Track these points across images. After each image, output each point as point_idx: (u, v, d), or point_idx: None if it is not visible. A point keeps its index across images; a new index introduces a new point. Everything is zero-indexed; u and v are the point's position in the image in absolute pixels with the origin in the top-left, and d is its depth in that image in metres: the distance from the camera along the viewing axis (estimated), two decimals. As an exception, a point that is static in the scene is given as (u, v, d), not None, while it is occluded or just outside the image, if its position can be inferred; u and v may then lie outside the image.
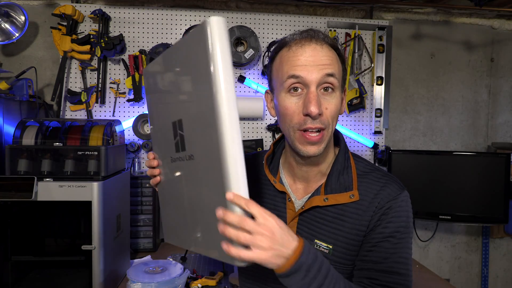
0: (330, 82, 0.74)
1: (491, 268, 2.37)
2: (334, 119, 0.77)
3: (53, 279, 1.45)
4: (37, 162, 1.36)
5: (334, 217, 0.79)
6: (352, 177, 0.80)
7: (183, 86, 0.71)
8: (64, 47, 1.84)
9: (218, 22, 0.59)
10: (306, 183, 0.85)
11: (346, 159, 0.83)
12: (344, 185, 0.79)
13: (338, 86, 0.76)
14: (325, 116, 0.74)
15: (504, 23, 2.29)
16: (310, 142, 0.75)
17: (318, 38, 0.76)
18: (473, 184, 1.89)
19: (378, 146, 2.16)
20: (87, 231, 1.31)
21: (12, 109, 1.60)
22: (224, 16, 2.01)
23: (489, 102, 2.33)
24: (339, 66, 0.78)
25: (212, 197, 0.65)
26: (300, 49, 0.75)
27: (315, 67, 0.73)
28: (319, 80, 0.73)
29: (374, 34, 2.13)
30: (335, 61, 0.77)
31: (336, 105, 0.76)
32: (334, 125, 0.78)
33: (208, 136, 0.62)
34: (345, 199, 0.78)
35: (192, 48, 0.65)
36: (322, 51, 0.75)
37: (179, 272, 1.42)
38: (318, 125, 0.74)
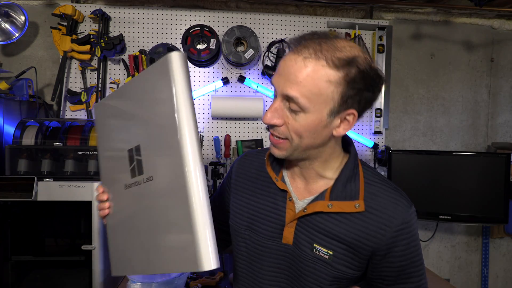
0: (291, 103, 0.69)
1: (491, 268, 2.37)
2: (299, 135, 0.72)
3: (53, 279, 1.45)
4: (37, 162, 1.36)
5: (336, 225, 0.76)
6: (360, 186, 0.77)
7: (145, 114, 0.76)
8: (64, 47, 1.84)
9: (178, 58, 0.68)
10: (305, 182, 0.82)
11: (355, 166, 0.80)
12: (350, 194, 0.77)
13: (311, 108, 0.68)
14: (285, 128, 0.72)
15: (504, 23, 2.29)
16: (273, 144, 0.77)
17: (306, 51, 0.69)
18: (473, 184, 1.89)
19: (378, 146, 2.16)
20: (87, 231, 1.31)
21: (12, 109, 1.60)
22: (224, 16, 2.02)
23: (489, 102, 2.33)
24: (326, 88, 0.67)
25: (176, 209, 0.68)
26: (286, 56, 0.71)
27: (284, 80, 0.69)
28: (281, 95, 0.70)
29: (374, 34, 2.13)
30: (314, 82, 0.67)
31: (303, 126, 0.70)
32: (307, 141, 0.73)
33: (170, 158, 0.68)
34: (350, 208, 0.75)
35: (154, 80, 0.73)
36: (296, 66, 0.68)
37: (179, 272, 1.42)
38: (275, 133, 0.74)
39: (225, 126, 2.05)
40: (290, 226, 0.80)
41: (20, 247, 1.40)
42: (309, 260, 0.77)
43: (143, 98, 0.76)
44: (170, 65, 0.67)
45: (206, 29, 1.93)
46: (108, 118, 0.88)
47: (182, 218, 0.65)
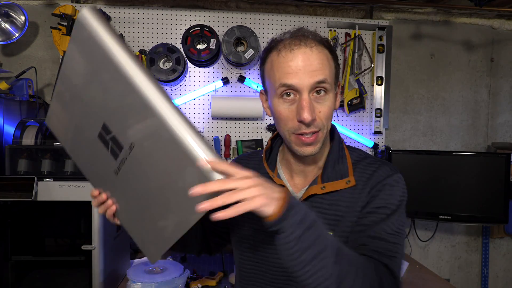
0: (322, 87, 0.74)
1: (491, 268, 2.37)
2: (328, 119, 0.78)
3: (53, 279, 1.45)
4: (37, 162, 1.36)
5: (330, 204, 0.80)
6: (348, 165, 0.82)
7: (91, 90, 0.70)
8: (64, 47, 1.84)
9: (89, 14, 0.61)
10: (304, 178, 0.86)
11: (340, 149, 0.85)
12: (340, 173, 0.81)
13: (330, 88, 0.76)
14: (318, 119, 0.75)
15: (504, 23, 2.29)
16: (306, 143, 0.77)
17: (308, 40, 0.75)
18: (473, 184, 1.89)
19: (378, 146, 2.16)
20: (87, 231, 1.31)
21: (12, 109, 1.60)
22: (224, 16, 2.02)
23: (489, 102, 2.33)
24: (331, 66, 0.77)
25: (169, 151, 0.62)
26: (290, 55, 0.74)
27: (306, 73, 0.73)
28: (310, 86, 0.73)
29: (374, 34, 2.13)
30: (326, 63, 0.76)
31: (329, 107, 0.77)
32: (329, 125, 0.80)
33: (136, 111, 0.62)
34: (342, 185, 0.80)
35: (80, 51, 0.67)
36: (312, 56, 0.74)
37: (179, 272, 1.42)
38: (313, 129, 0.75)
39: (225, 126, 2.05)
40: None
41: (20, 247, 1.40)
42: None
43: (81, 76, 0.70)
44: (85, 26, 0.61)
45: (206, 29, 1.93)
46: (63, 122, 0.82)
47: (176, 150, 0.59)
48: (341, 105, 2.10)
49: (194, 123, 2.03)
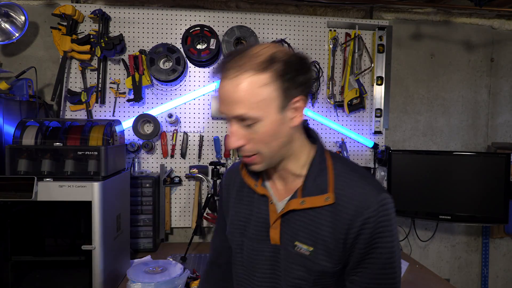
0: (243, 120, 0.73)
1: (491, 268, 2.37)
2: (265, 143, 0.75)
3: (53, 279, 1.45)
4: (37, 162, 1.36)
5: (311, 220, 0.78)
6: (329, 179, 0.78)
7: None
8: (64, 47, 1.84)
9: None
10: (284, 183, 0.85)
11: (322, 160, 0.82)
12: (320, 188, 0.78)
13: (260, 116, 0.72)
14: (249, 145, 0.75)
15: (504, 23, 2.29)
16: (249, 163, 0.79)
17: (233, 70, 0.71)
18: (473, 184, 1.89)
19: (378, 146, 2.16)
20: (87, 231, 1.31)
21: (12, 109, 1.60)
22: (224, 16, 2.02)
23: (489, 102, 2.33)
24: (261, 93, 0.71)
25: None
26: (220, 83, 0.74)
27: (228, 105, 0.73)
28: (233, 118, 0.74)
29: (374, 34, 2.14)
30: (251, 92, 0.71)
31: (263, 133, 0.74)
32: (274, 146, 0.76)
33: None
34: (321, 201, 0.77)
35: None
36: (231, 89, 0.71)
37: (179, 272, 1.42)
38: (246, 153, 0.76)
39: (225, 126, 2.05)
40: (274, 227, 0.82)
41: (20, 247, 1.40)
42: (293, 257, 0.80)
43: None
44: None
45: (206, 29, 1.93)
46: None
47: None
48: (341, 105, 2.10)
49: (194, 123, 2.03)
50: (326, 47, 2.12)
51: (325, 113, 2.13)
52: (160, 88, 2.00)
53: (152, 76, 1.94)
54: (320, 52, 2.12)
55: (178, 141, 2.02)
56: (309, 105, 2.11)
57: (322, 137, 2.13)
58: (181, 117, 2.02)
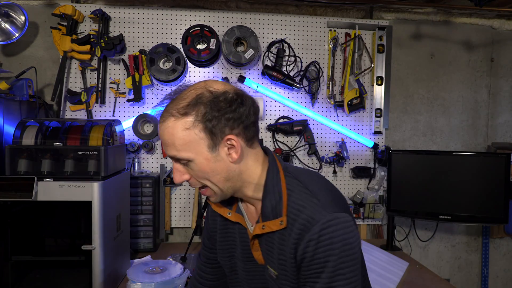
0: (177, 161, 0.79)
1: (491, 268, 2.37)
2: (206, 179, 0.79)
3: (53, 279, 1.45)
4: (37, 162, 1.36)
5: (273, 244, 0.81)
6: (283, 200, 0.79)
7: None
8: (64, 47, 1.84)
9: None
10: (253, 206, 0.88)
11: (276, 183, 0.81)
12: (275, 211, 0.79)
13: (192, 156, 0.76)
14: (193, 180, 0.81)
15: (504, 23, 2.29)
16: (207, 196, 0.85)
17: (162, 116, 0.78)
18: (473, 184, 1.89)
19: (378, 146, 2.16)
20: (87, 231, 1.31)
21: (12, 109, 1.60)
22: (224, 16, 2.02)
23: (489, 102, 2.33)
24: (187, 136, 0.75)
25: None
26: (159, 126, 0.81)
27: (165, 147, 0.79)
28: (171, 157, 0.80)
29: (374, 34, 2.14)
30: (177, 136, 0.75)
31: (200, 170, 0.78)
32: (216, 181, 0.79)
33: None
34: (276, 226, 0.78)
35: None
36: (163, 132, 0.77)
37: (179, 272, 1.42)
38: (194, 186, 0.83)
39: (225, 126, 2.04)
40: (255, 249, 0.86)
41: (20, 247, 1.40)
42: (268, 277, 0.85)
43: None
44: None
45: (206, 29, 1.93)
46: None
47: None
48: (341, 105, 2.10)
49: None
50: (326, 47, 2.12)
51: (325, 113, 2.13)
52: (160, 88, 2.00)
53: (152, 76, 1.94)
54: (320, 52, 2.12)
55: (178, 141, 2.01)
56: (309, 105, 2.11)
57: (322, 137, 2.13)
58: (181, 117, 2.02)
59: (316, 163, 2.13)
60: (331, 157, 2.11)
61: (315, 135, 2.10)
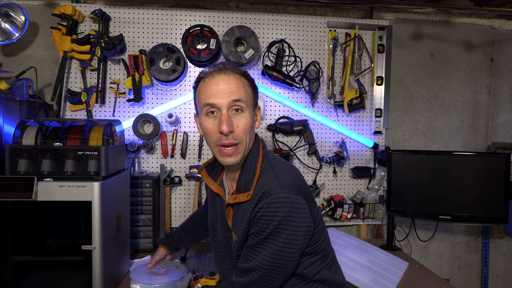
0: (238, 105, 0.95)
1: (491, 268, 2.37)
2: (246, 133, 0.96)
3: (53, 279, 1.45)
4: (37, 162, 1.36)
5: (238, 213, 0.99)
6: (254, 178, 0.96)
7: None
8: (64, 47, 1.84)
9: None
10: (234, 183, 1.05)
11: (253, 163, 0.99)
12: (246, 186, 0.97)
13: (246, 107, 0.97)
14: (236, 132, 0.95)
15: (504, 23, 2.29)
16: (227, 155, 0.96)
17: (226, 70, 0.97)
18: (473, 184, 1.89)
19: (378, 146, 2.16)
20: (87, 231, 1.31)
21: (12, 109, 1.59)
22: (224, 16, 2.02)
23: (489, 102, 2.33)
24: (247, 90, 0.99)
25: None
26: (211, 80, 0.96)
27: (224, 94, 0.94)
28: (228, 104, 0.94)
29: (374, 34, 2.14)
30: (242, 87, 0.97)
31: (246, 122, 0.96)
32: (250, 139, 0.99)
33: None
34: (244, 198, 0.96)
35: None
36: (229, 80, 0.95)
37: (182, 275, 1.40)
38: (231, 140, 0.94)
39: (225, 126, 2.05)
40: (229, 218, 1.04)
41: (20, 247, 1.40)
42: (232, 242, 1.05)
43: None
44: None
45: (206, 29, 1.93)
46: None
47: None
48: (341, 105, 2.10)
49: (194, 123, 2.03)
50: (326, 47, 2.12)
51: (325, 113, 2.13)
52: (160, 88, 2.00)
53: (152, 76, 1.94)
54: (320, 52, 2.12)
55: (178, 141, 2.02)
56: (309, 105, 2.11)
57: (322, 137, 2.13)
58: (181, 117, 2.02)
59: (316, 163, 2.13)
60: (331, 157, 2.11)
61: (315, 135, 2.10)
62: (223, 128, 0.92)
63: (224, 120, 0.93)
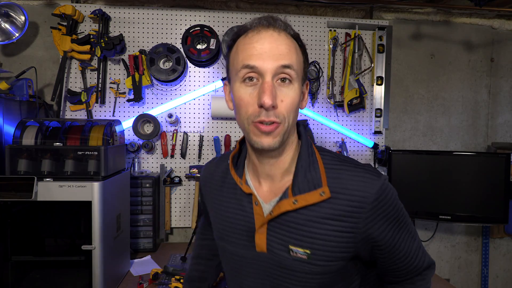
0: (287, 73, 0.68)
1: (491, 268, 2.37)
2: (291, 112, 0.70)
3: (53, 279, 1.45)
4: (37, 162, 1.36)
5: (307, 220, 0.72)
6: (321, 173, 0.73)
7: None
8: (64, 47, 1.84)
9: None
10: (271, 182, 0.78)
11: (310, 154, 0.76)
12: (313, 183, 0.72)
13: (296, 78, 0.70)
14: (280, 109, 0.68)
15: (504, 23, 2.29)
16: (264, 132, 0.69)
17: (276, 25, 0.70)
18: (473, 184, 1.89)
19: (378, 146, 2.16)
20: (87, 231, 1.31)
21: (12, 109, 1.60)
22: (224, 16, 2.02)
23: (489, 102, 2.33)
24: (299, 57, 0.72)
25: None
26: (256, 36, 0.69)
27: (271, 56, 0.67)
28: (275, 70, 0.67)
29: (374, 34, 2.14)
30: (293, 51, 0.70)
31: (293, 98, 0.70)
32: (293, 120, 0.72)
33: None
34: (316, 198, 0.71)
35: None
36: (279, 39, 0.69)
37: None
38: (272, 118, 0.68)
39: (225, 126, 2.05)
40: (260, 232, 0.76)
41: (20, 247, 1.40)
42: (288, 263, 0.74)
43: None
44: None
45: (206, 29, 1.93)
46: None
47: None
48: (341, 105, 2.10)
49: (194, 123, 2.03)
50: (326, 47, 2.12)
51: (325, 113, 2.13)
52: (160, 88, 2.00)
53: (152, 76, 1.94)
54: (320, 52, 2.12)
55: (178, 141, 2.02)
56: (309, 105, 2.11)
57: (322, 137, 2.13)
58: (181, 117, 2.02)
59: (316, 163, 2.12)
60: (331, 157, 2.11)
61: (315, 135, 2.10)
62: (265, 100, 0.66)
63: (268, 89, 0.66)
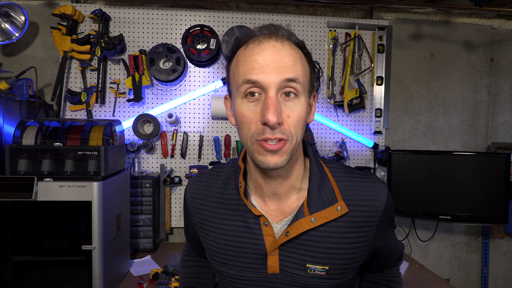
0: (292, 87, 0.63)
1: (491, 268, 2.37)
2: (298, 128, 0.65)
3: (53, 279, 1.45)
4: (37, 162, 1.36)
5: (325, 236, 0.70)
6: (333, 187, 0.72)
7: None
8: (64, 47, 1.84)
9: None
10: (277, 202, 0.74)
11: (320, 168, 0.74)
12: (328, 199, 0.70)
13: (302, 91, 0.65)
14: (286, 125, 0.63)
15: (504, 23, 2.29)
16: (270, 151, 0.63)
17: (278, 35, 0.65)
18: (473, 184, 1.89)
19: (378, 146, 2.15)
20: (87, 231, 1.31)
21: (12, 109, 1.60)
22: (224, 16, 2.02)
23: (489, 102, 2.33)
24: (305, 68, 0.67)
25: None
26: (257, 47, 0.64)
27: (275, 69, 0.62)
28: (279, 85, 0.62)
29: (374, 34, 2.13)
30: (298, 62, 0.65)
31: (300, 113, 0.64)
32: (301, 136, 0.67)
33: None
34: (334, 214, 0.69)
35: None
36: (283, 50, 0.63)
37: None
38: (278, 135, 0.62)
39: (225, 126, 2.05)
40: (273, 254, 0.72)
41: (20, 247, 1.40)
42: (304, 281, 0.72)
43: None
44: None
45: (206, 29, 1.93)
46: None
47: None
48: (341, 105, 2.10)
49: (194, 123, 2.03)
50: (326, 47, 2.12)
51: (325, 113, 2.13)
52: (160, 88, 2.00)
53: (152, 76, 1.94)
54: (320, 52, 2.12)
55: (178, 141, 2.02)
56: (309, 105, 2.11)
57: (322, 137, 2.13)
58: (181, 117, 2.02)
59: (316, 163, 2.12)
60: (331, 157, 2.11)
61: (315, 135, 2.10)
62: (269, 118, 0.60)
63: (272, 105, 0.61)
